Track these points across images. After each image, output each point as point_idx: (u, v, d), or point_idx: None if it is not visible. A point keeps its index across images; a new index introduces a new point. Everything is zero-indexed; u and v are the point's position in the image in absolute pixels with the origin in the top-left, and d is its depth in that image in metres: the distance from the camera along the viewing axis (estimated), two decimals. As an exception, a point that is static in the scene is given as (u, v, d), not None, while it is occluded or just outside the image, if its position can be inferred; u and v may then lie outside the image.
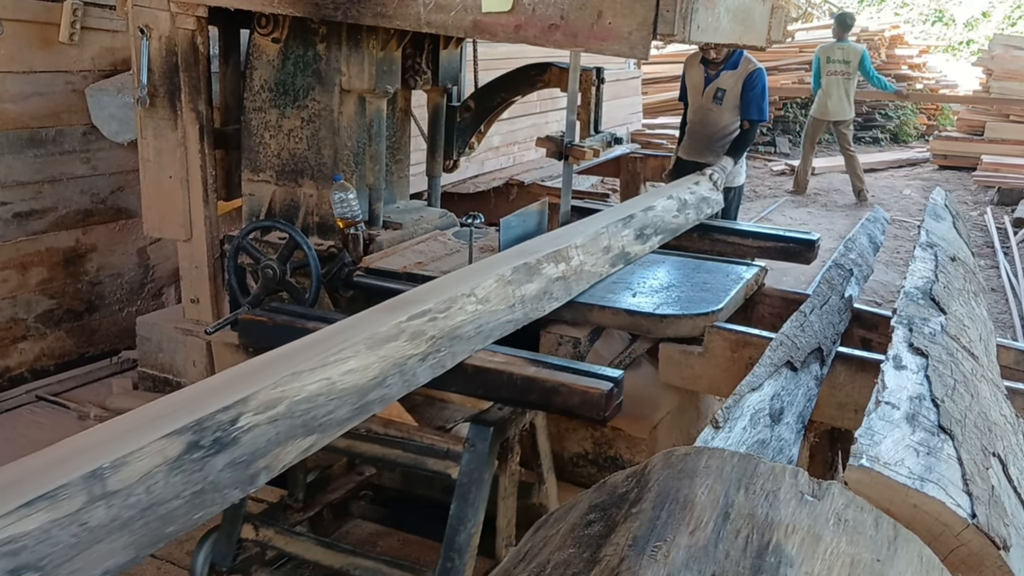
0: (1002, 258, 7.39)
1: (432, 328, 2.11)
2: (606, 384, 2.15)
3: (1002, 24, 20.37)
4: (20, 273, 3.96)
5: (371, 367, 1.91)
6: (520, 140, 6.56)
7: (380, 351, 1.94)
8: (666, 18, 2.55)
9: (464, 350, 2.23)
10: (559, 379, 2.18)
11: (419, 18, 2.84)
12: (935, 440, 1.45)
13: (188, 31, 3.30)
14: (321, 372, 1.78)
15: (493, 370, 2.24)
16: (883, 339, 2.30)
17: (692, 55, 4.96)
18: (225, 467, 1.54)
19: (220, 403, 1.56)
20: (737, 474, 1.20)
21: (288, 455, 1.69)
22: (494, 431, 2.26)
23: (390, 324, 2.00)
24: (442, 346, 2.14)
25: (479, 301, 2.29)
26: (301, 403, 1.71)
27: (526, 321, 2.49)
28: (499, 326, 2.37)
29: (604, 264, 2.93)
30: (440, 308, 2.16)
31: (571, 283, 2.72)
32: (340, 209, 3.23)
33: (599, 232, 2.94)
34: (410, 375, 2.04)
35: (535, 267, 2.56)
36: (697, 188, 3.84)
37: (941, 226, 3.06)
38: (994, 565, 1.23)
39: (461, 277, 2.39)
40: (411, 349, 2.04)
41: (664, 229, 3.38)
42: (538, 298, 2.55)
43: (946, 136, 12.37)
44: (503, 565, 1.20)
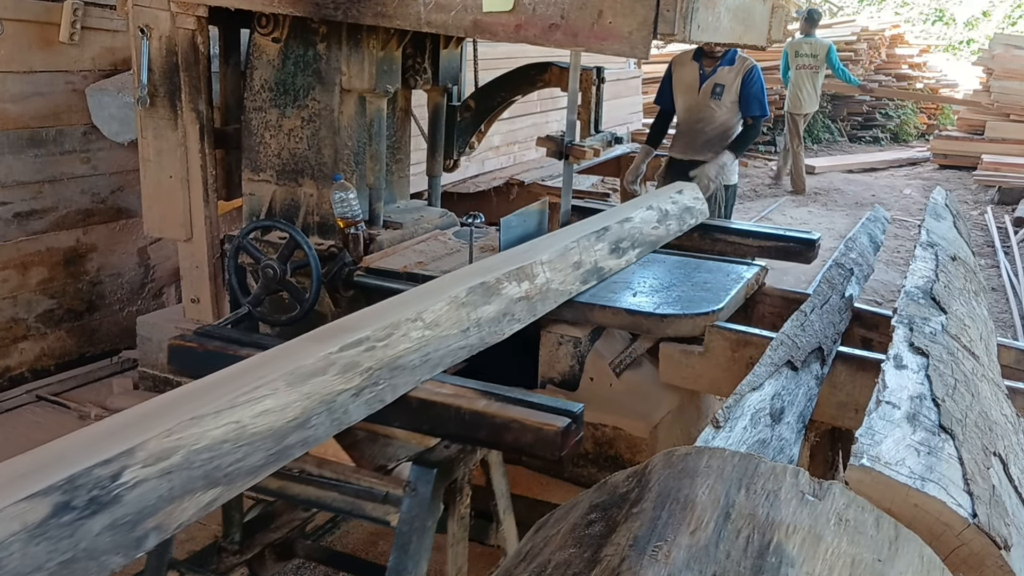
0: (1002, 257, 7.39)
1: (369, 359, 1.91)
2: (562, 420, 1.97)
3: (1002, 23, 20.38)
4: (20, 273, 3.96)
5: (291, 406, 1.70)
6: (520, 140, 6.56)
7: (304, 387, 1.74)
8: (666, 18, 2.55)
9: (407, 382, 2.03)
10: (511, 414, 1.99)
11: (419, 18, 2.84)
12: (936, 440, 1.45)
13: (188, 31, 3.30)
14: (228, 415, 1.57)
15: (439, 404, 2.04)
16: (884, 339, 2.30)
17: (680, 54, 4.95)
18: (103, 530, 1.34)
19: (100, 456, 1.35)
20: (738, 474, 1.20)
21: (185, 512, 1.48)
22: (438, 473, 2.06)
23: (317, 356, 1.79)
24: (381, 378, 1.94)
25: (427, 326, 2.09)
26: (201, 452, 1.50)
27: (482, 346, 2.30)
28: (450, 353, 2.17)
29: (574, 281, 2.75)
30: (379, 336, 1.95)
31: (536, 303, 2.53)
32: (340, 209, 3.23)
33: (568, 247, 2.75)
34: (340, 413, 1.83)
35: (494, 287, 2.35)
36: (680, 197, 3.63)
37: (942, 225, 3.06)
38: (995, 565, 1.23)
39: (408, 300, 2.19)
40: (342, 384, 1.83)
41: (642, 242, 3.19)
42: (496, 321, 2.34)
43: (946, 135, 12.37)
44: (504, 565, 1.20)
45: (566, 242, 2.77)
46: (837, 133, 13.94)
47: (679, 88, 4.85)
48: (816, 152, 13.02)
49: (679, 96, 4.86)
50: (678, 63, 4.89)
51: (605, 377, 2.89)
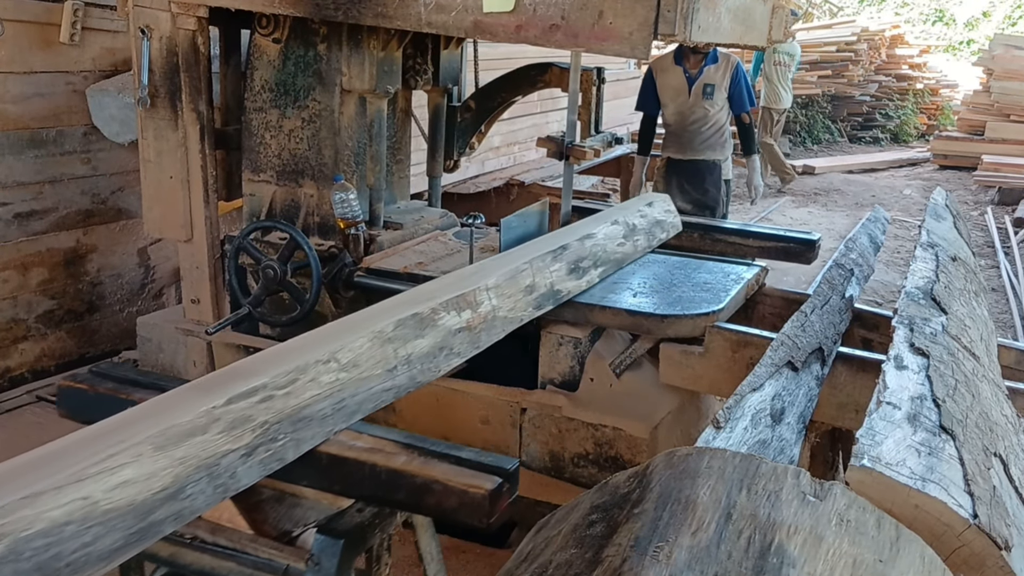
0: (1003, 258, 7.39)
1: (265, 412, 1.64)
2: (491, 481, 1.73)
3: (1002, 24, 20.39)
4: (21, 274, 3.96)
5: (160, 475, 1.43)
6: (521, 140, 6.56)
7: (176, 451, 1.46)
8: (667, 18, 2.55)
9: (315, 434, 1.76)
10: (433, 473, 1.76)
11: (420, 18, 2.84)
12: (936, 440, 1.45)
13: (189, 31, 3.30)
14: (74, 491, 1.30)
15: (352, 460, 1.80)
16: (884, 339, 2.30)
17: (657, 60, 4.95)
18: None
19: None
20: (739, 474, 1.20)
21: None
22: (346, 544, 1.81)
23: (196, 412, 1.52)
24: (280, 433, 1.66)
25: (342, 368, 1.82)
26: (34, 539, 1.24)
27: (413, 387, 2.05)
28: (371, 397, 1.91)
29: (526, 307, 2.52)
30: (280, 383, 1.68)
31: (479, 334, 2.27)
32: (341, 209, 3.23)
33: (520, 268, 2.51)
34: (226, 478, 1.55)
35: (428, 318, 2.10)
36: (649, 210, 3.42)
37: (942, 226, 3.06)
38: (996, 565, 1.23)
39: (322, 337, 1.91)
40: (228, 443, 1.55)
41: (606, 260, 2.98)
42: (431, 356, 2.08)
43: (947, 136, 12.38)
44: (506, 566, 1.20)
45: (518, 263, 2.52)
46: (837, 133, 13.95)
47: (666, 93, 4.87)
48: (816, 152, 13.03)
49: (668, 101, 4.88)
50: (659, 68, 4.90)
51: (605, 378, 2.89)
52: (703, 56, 4.70)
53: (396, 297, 2.23)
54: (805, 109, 13.34)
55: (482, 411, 2.98)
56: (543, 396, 2.93)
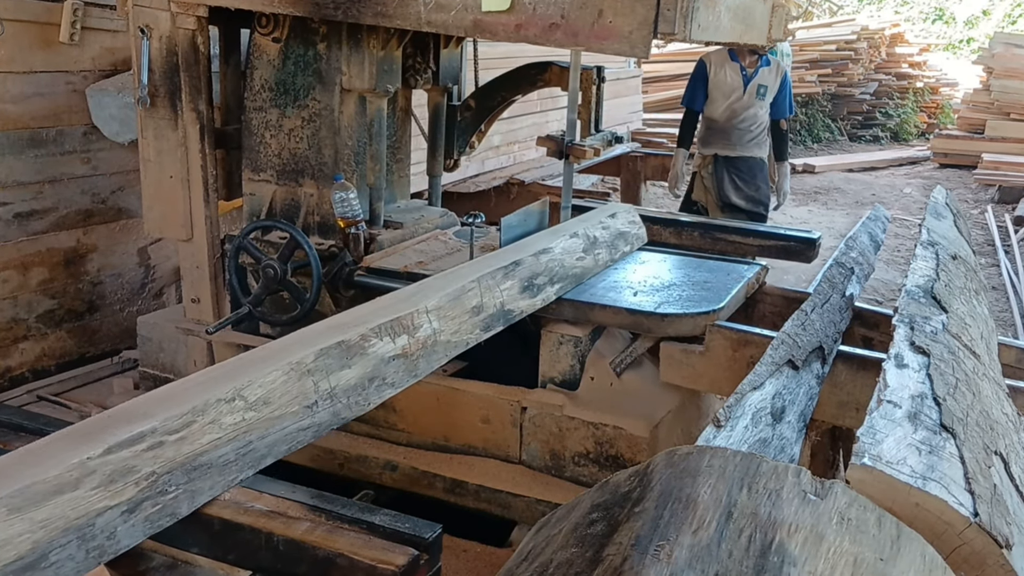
0: (1003, 256, 7.39)
1: (152, 461, 1.43)
2: (406, 553, 1.53)
3: (1002, 22, 20.39)
4: (21, 273, 3.96)
5: (14, 542, 1.23)
6: (521, 139, 6.56)
7: (38, 512, 1.27)
8: (667, 17, 2.55)
9: (215, 485, 1.52)
10: (338, 545, 1.56)
11: (419, 17, 2.84)
12: (937, 439, 1.45)
13: (189, 31, 3.30)
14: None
15: (247, 527, 1.59)
16: (884, 338, 2.30)
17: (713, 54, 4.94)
18: None
19: None
20: (740, 473, 1.20)
21: None
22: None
23: (66, 465, 1.31)
24: (171, 485, 1.45)
25: (249, 407, 1.60)
26: None
27: (337, 423, 1.81)
28: (285, 438, 1.68)
29: (472, 329, 2.31)
30: (173, 426, 1.47)
31: (417, 360, 2.06)
32: (341, 208, 3.23)
33: (466, 288, 2.33)
34: (103, 539, 1.35)
35: (357, 345, 1.87)
36: (612, 222, 3.29)
37: (942, 224, 3.06)
38: (996, 564, 1.23)
39: (229, 371, 1.67)
40: (106, 500, 1.35)
41: (563, 276, 2.83)
42: (359, 388, 1.86)
43: (947, 134, 12.38)
44: (507, 565, 1.20)
45: (463, 282, 2.35)
46: (837, 132, 13.94)
47: (719, 89, 4.89)
48: (816, 151, 13.03)
49: (720, 97, 4.90)
50: (714, 63, 4.90)
51: (606, 376, 2.89)
52: (759, 57, 4.75)
53: (322, 322, 2.01)
54: (805, 108, 13.34)
55: (482, 410, 2.98)
56: (543, 395, 2.93)
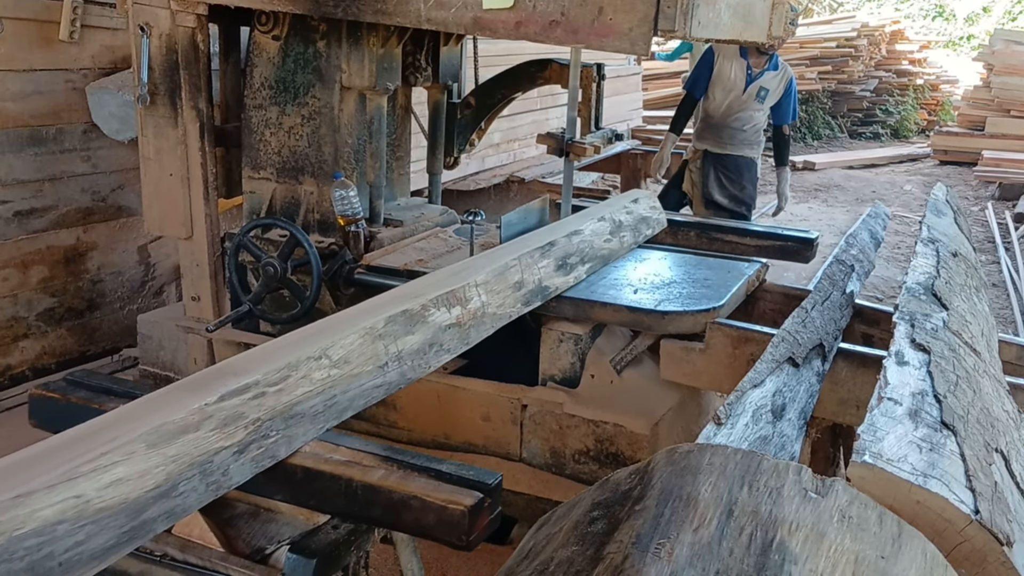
0: (1003, 253, 7.39)
1: (257, 408, 1.63)
2: (472, 496, 1.69)
3: (1002, 19, 20.38)
4: (21, 271, 3.96)
5: (153, 472, 1.42)
6: (521, 137, 6.56)
7: (169, 449, 1.46)
8: (667, 14, 2.55)
9: (307, 431, 1.75)
10: (411, 489, 1.71)
11: (419, 15, 2.84)
12: (938, 436, 1.45)
13: (188, 29, 3.30)
14: (66, 489, 1.29)
15: (327, 474, 1.74)
16: (885, 335, 2.30)
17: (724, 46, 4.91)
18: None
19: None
20: (740, 471, 1.20)
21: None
22: (319, 563, 1.74)
23: (188, 409, 1.51)
24: (272, 430, 1.66)
25: (333, 364, 1.81)
26: (27, 538, 1.23)
27: (404, 383, 2.05)
28: (362, 394, 1.90)
29: (515, 303, 2.52)
30: (272, 380, 1.68)
31: (469, 330, 2.27)
32: (341, 206, 3.23)
33: (508, 265, 2.51)
34: (219, 475, 1.55)
35: (419, 314, 2.09)
36: (635, 207, 3.43)
37: (942, 221, 3.06)
38: (997, 561, 1.23)
39: (313, 334, 1.90)
40: (221, 440, 1.55)
41: (593, 256, 2.99)
42: (421, 352, 2.08)
43: (947, 131, 12.38)
44: (507, 563, 1.20)
45: (506, 260, 2.54)
46: (837, 129, 13.94)
47: (721, 82, 4.82)
48: (816, 148, 13.03)
49: (719, 90, 4.84)
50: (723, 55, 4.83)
51: (606, 374, 2.89)
52: (767, 58, 4.70)
53: (386, 294, 2.22)
54: (805, 105, 13.33)
55: (483, 408, 2.97)
56: (544, 393, 2.93)
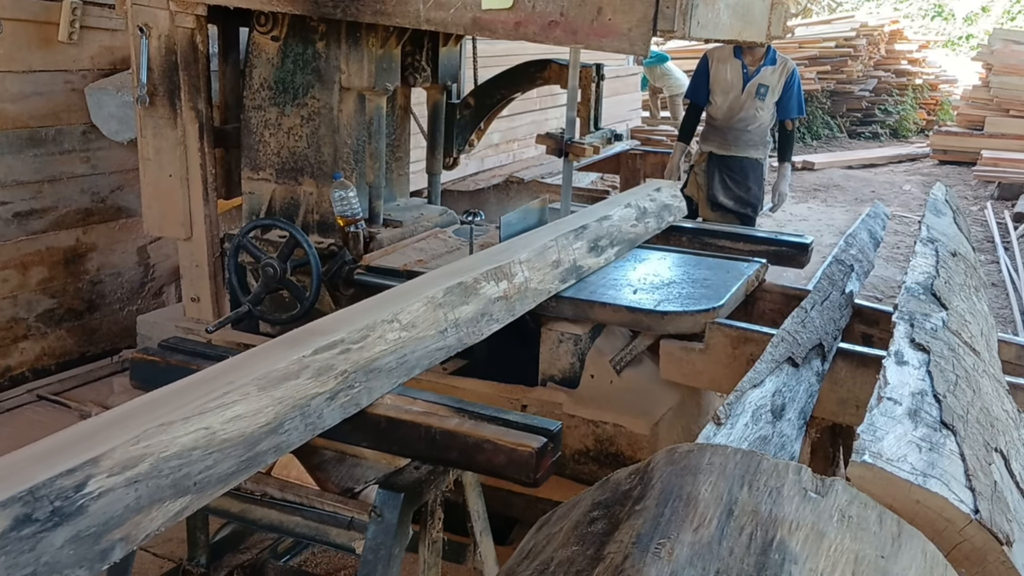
0: (1002, 253, 7.39)
1: (344, 362, 1.86)
2: (537, 440, 1.89)
3: (1001, 19, 20.40)
4: (20, 272, 3.96)
5: (263, 411, 1.66)
6: (520, 137, 6.56)
7: (276, 392, 1.70)
8: (666, 14, 2.55)
9: (383, 384, 1.99)
10: (484, 434, 1.91)
11: (418, 15, 2.84)
12: (937, 436, 1.45)
13: (187, 29, 3.30)
14: (198, 421, 1.52)
15: (408, 422, 1.95)
16: (884, 335, 2.30)
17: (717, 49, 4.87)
18: (66, 543, 1.28)
19: (63, 465, 1.30)
20: (740, 471, 1.20)
21: (153, 522, 1.44)
22: (406, 497, 1.96)
23: (289, 360, 1.75)
24: (356, 381, 1.89)
25: (403, 327, 2.04)
26: (170, 459, 1.45)
27: (460, 347, 2.26)
28: (427, 355, 2.13)
29: (553, 280, 2.73)
30: (355, 338, 1.91)
31: (514, 303, 2.50)
32: (340, 207, 3.23)
33: (547, 245, 2.73)
34: (315, 417, 1.79)
35: (472, 287, 2.32)
36: (658, 195, 3.64)
37: (942, 221, 3.06)
38: (997, 561, 1.23)
39: (383, 301, 2.14)
40: (316, 387, 1.79)
41: (621, 240, 3.18)
42: (475, 321, 2.31)
43: (946, 131, 12.39)
44: (508, 564, 1.20)
45: (544, 240, 2.74)
46: (836, 129, 13.95)
47: (719, 85, 4.79)
48: (815, 148, 13.03)
49: (718, 93, 4.80)
50: (717, 59, 4.80)
51: (606, 374, 2.89)
52: (763, 55, 4.65)
53: (441, 269, 2.50)
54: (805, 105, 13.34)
55: (483, 408, 2.98)
56: (543, 393, 2.92)
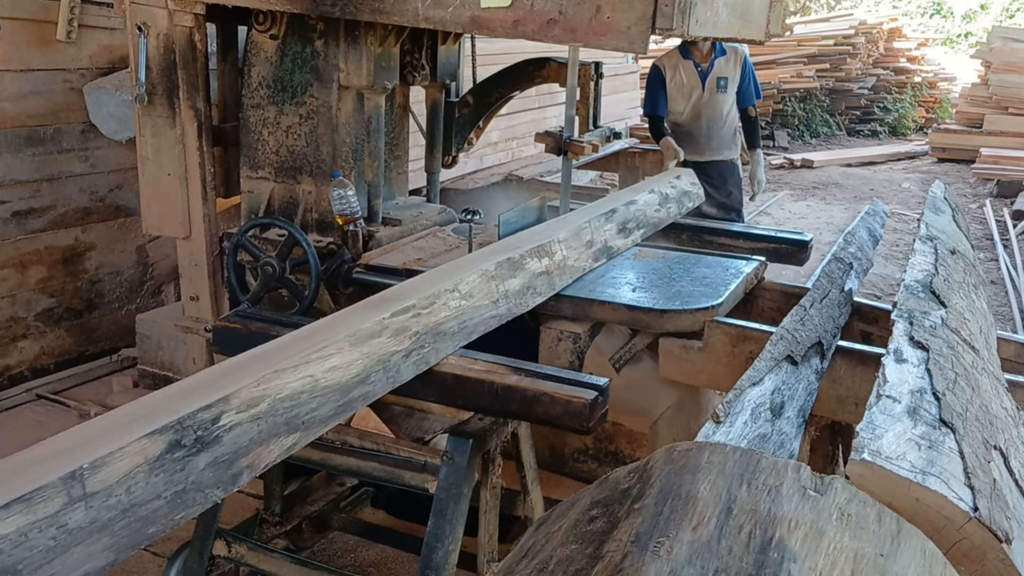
0: (1001, 251, 7.39)
1: (416, 324, 2.09)
2: (589, 393, 2.09)
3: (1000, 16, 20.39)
4: (19, 272, 3.95)
5: (354, 364, 1.89)
6: (519, 135, 6.56)
7: (363, 348, 1.93)
8: (665, 12, 2.55)
9: (448, 346, 2.21)
10: (541, 388, 2.12)
11: (417, 14, 2.84)
12: (936, 434, 1.45)
13: (186, 28, 3.30)
14: (304, 369, 1.76)
15: (473, 379, 2.17)
16: (883, 333, 2.30)
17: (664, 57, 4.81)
18: (207, 466, 1.52)
19: (201, 402, 1.54)
20: (739, 469, 1.20)
21: (271, 454, 1.67)
22: (473, 443, 2.18)
23: (373, 321, 1.98)
24: (426, 342, 2.12)
25: (463, 296, 2.28)
26: (284, 401, 1.69)
27: (509, 316, 2.48)
28: (483, 321, 2.35)
29: (587, 258, 2.93)
30: (423, 304, 2.14)
31: (554, 278, 2.72)
32: (339, 206, 3.23)
33: (581, 227, 2.94)
34: (394, 371, 2.02)
35: (518, 262, 2.55)
36: (678, 182, 3.84)
37: (941, 219, 3.06)
38: (996, 559, 1.23)
39: (444, 273, 2.38)
40: (395, 345, 2.02)
41: (646, 223, 3.40)
42: (521, 293, 2.54)
43: (945, 129, 12.38)
44: (506, 562, 1.20)
45: (579, 222, 2.97)
46: (835, 127, 13.94)
47: (678, 90, 4.73)
48: (814, 146, 13.03)
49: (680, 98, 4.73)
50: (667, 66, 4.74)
51: (605, 373, 2.89)
52: (711, 48, 4.61)
53: (490, 246, 2.74)
54: (803, 103, 13.34)
55: (482, 407, 2.98)
56: (543, 391, 2.93)
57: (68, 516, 1.30)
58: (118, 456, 1.38)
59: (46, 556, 1.27)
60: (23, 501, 1.24)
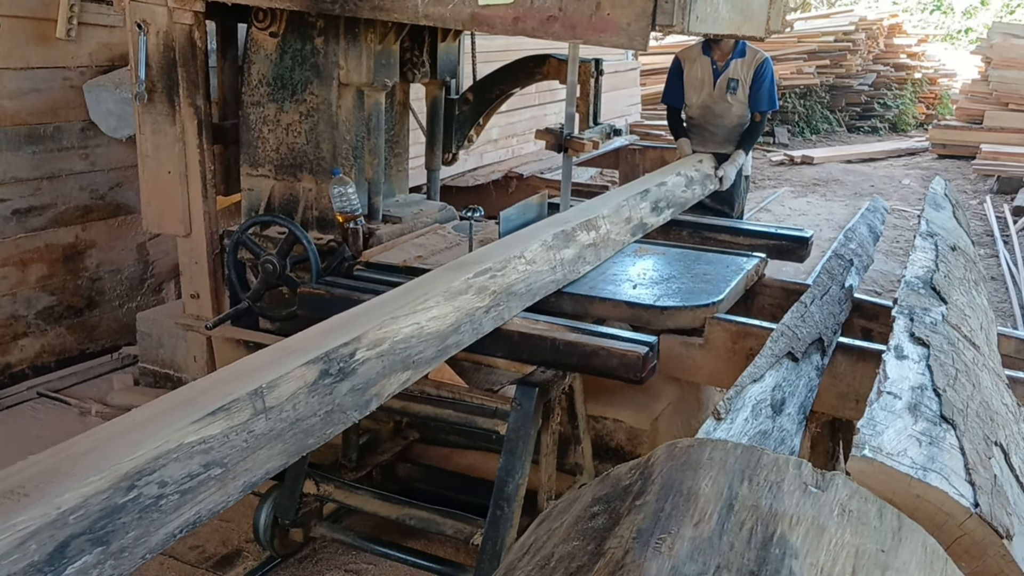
0: (1002, 247, 7.39)
1: (493, 284, 2.41)
2: (642, 348, 2.36)
3: (1001, 12, 20.37)
4: (20, 270, 3.95)
5: (449, 315, 2.20)
6: (519, 133, 6.55)
7: (455, 302, 2.24)
8: (665, 9, 2.54)
9: (517, 305, 2.51)
10: (598, 343, 2.39)
11: (417, 11, 2.84)
12: (937, 430, 1.45)
13: (186, 26, 3.30)
14: (412, 318, 2.09)
15: (537, 336, 2.45)
16: (884, 329, 2.30)
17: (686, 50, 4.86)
18: (348, 392, 1.84)
19: (340, 340, 1.87)
20: (740, 465, 1.20)
21: (391, 386, 1.98)
22: (539, 391, 2.44)
23: (461, 280, 2.30)
24: (501, 300, 2.42)
25: (528, 262, 2.58)
26: (400, 343, 2.01)
27: (564, 282, 2.77)
28: (544, 285, 2.65)
29: (626, 233, 3.23)
30: (498, 267, 2.46)
31: (600, 249, 3.01)
32: (339, 203, 3.23)
33: (621, 204, 3.27)
34: (477, 324, 2.33)
35: (571, 234, 2.86)
36: (701, 166, 4.14)
37: (941, 215, 3.06)
38: (997, 554, 1.23)
39: (511, 242, 2.71)
40: (478, 302, 2.33)
41: (675, 203, 3.72)
42: (574, 262, 2.83)
43: (945, 125, 12.36)
44: (508, 558, 1.21)
45: (619, 200, 3.32)
46: (836, 123, 13.93)
47: (692, 84, 4.74)
48: (815, 142, 13.02)
49: (692, 92, 4.75)
50: (687, 59, 4.78)
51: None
52: (731, 48, 4.61)
53: (545, 220, 3.06)
54: (803, 99, 13.32)
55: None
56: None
57: (255, 424, 1.61)
58: (286, 379, 1.70)
59: (242, 454, 1.58)
60: (224, 410, 1.56)
